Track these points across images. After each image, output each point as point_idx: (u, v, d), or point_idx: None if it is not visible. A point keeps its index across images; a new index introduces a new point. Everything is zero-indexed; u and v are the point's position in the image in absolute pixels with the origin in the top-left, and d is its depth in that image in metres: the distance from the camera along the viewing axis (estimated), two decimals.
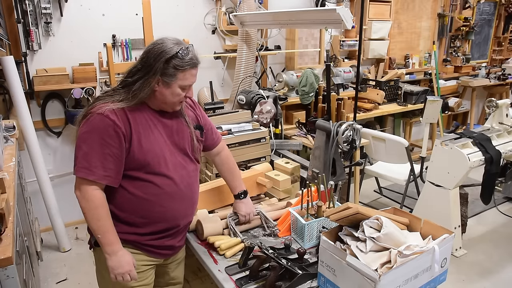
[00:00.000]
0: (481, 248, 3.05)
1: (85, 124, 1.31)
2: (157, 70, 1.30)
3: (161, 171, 1.39)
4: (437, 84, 5.01)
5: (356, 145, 1.97)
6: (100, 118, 1.29)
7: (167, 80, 1.32)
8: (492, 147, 2.78)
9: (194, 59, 1.35)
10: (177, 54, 1.30)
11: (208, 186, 1.86)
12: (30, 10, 2.87)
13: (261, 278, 1.39)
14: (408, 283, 1.18)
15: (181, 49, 1.31)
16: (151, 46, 1.33)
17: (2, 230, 1.42)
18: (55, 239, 3.08)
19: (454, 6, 5.39)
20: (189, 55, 1.33)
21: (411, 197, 3.51)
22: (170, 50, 1.30)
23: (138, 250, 1.45)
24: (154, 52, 1.31)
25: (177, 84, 1.34)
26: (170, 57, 1.29)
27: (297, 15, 2.63)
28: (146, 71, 1.31)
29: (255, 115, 2.49)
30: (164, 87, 1.34)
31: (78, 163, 1.30)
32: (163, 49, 1.30)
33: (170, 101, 1.38)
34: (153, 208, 1.40)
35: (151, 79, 1.31)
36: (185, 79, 1.35)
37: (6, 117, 2.91)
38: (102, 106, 1.31)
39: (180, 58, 1.30)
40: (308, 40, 4.25)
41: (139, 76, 1.32)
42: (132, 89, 1.33)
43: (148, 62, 1.31)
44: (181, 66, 1.31)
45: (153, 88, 1.33)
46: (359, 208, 1.24)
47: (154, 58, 1.30)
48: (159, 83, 1.33)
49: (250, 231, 1.74)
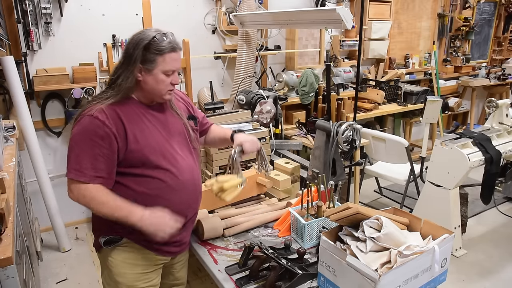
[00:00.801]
0: (481, 248, 3.05)
1: (75, 126, 1.32)
2: (137, 57, 1.30)
3: (162, 164, 1.38)
4: (437, 84, 5.01)
5: (356, 145, 1.97)
6: (89, 119, 1.29)
7: (148, 67, 1.32)
8: (492, 147, 2.78)
9: (173, 43, 1.34)
10: (154, 39, 1.30)
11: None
12: (30, 10, 2.87)
13: (261, 278, 1.39)
14: (408, 283, 1.18)
15: (158, 33, 1.31)
16: (130, 38, 1.34)
17: (2, 230, 1.42)
18: (55, 239, 3.08)
19: (454, 6, 5.39)
20: (167, 39, 1.32)
21: (411, 197, 3.51)
22: (147, 36, 1.30)
23: (147, 250, 1.45)
24: (133, 42, 1.32)
25: (158, 69, 1.33)
26: (148, 43, 1.29)
27: (297, 15, 2.63)
28: (128, 62, 1.32)
29: (255, 115, 2.49)
30: (147, 74, 1.33)
31: (69, 165, 1.31)
32: (141, 37, 1.31)
33: (156, 89, 1.37)
34: (158, 203, 1.38)
35: (132, 68, 1.32)
36: (166, 63, 1.33)
37: (6, 117, 2.91)
38: (92, 108, 1.32)
39: (158, 42, 1.30)
40: (308, 40, 4.25)
41: (122, 69, 1.34)
42: (117, 83, 1.34)
43: (128, 53, 1.32)
44: (159, 50, 1.31)
45: (136, 77, 1.33)
46: (359, 208, 1.24)
47: (133, 47, 1.31)
48: (142, 71, 1.33)
49: (250, 231, 1.74)
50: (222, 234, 1.69)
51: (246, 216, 1.81)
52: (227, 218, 1.78)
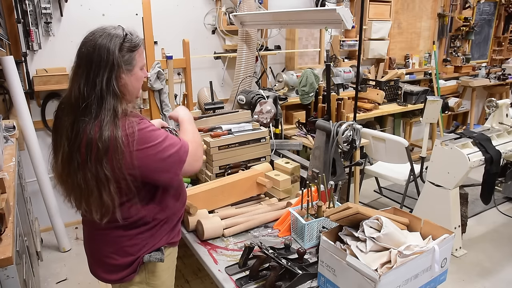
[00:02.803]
0: (481, 248, 3.05)
1: (140, 141, 1.16)
2: (118, 61, 1.16)
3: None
4: (437, 84, 5.01)
5: (356, 145, 1.97)
6: (141, 121, 1.20)
7: (129, 67, 1.22)
8: (492, 147, 2.78)
9: (134, 33, 1.25)
10: (126, 36, 1.20)
11: (208, 186, 1.86)
12: (30, 10, 2.87)
13: (261, 278, 1.39)
14: (408, 283, 1.18)
15: (123, 30, 1.21)
16: (87, 48, 1.17)
17: (2, 230, 1.42)
18: (55, 239, 3.08)
19: (454, 6, 5.39)
20: (133, 34, 1.24)
21: (411, 197, 3.51)
22: (116, 35, 1.18)
23: (174, 247, 1.47)
24: (98, 48, 1.15)
25: (138, 66, 1.25)
26: (122, 42, 1.18)
27: (297, 15, 2.63)
28: (103, 71, 1.15)
29: (255, 115, 2.49)
30: (128, 76, 1.22)
31: (176, 154, 1.23)
32: (110, 39, 1.17)
33: (136, 88, 1.28)
34: (181, 193, 1.43)
35: (117, 74, 1.17)
36: (142, 58, 1.27)
37: (6, 117, 2.91)
38: (126, 124, 1.16)
39: (130, 39, 1.21)
40: (308, 40, 4.25)
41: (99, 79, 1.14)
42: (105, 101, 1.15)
43: (98, 62, 1.14)
44: (134, 46, 1.22)
45: (119, 84, 1.19)
46: (359, 208, 1.24)
47: (106, 51, 1.15)
48: (122, 74, 1.20)
49: (250, 231, 1.74)
50: (222, 234, 1.69)
51: (246, 216, 1.80)
52: (227, 218, 1.78)
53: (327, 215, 1.31)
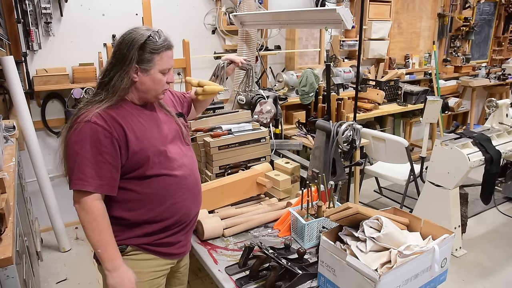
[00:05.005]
0: (481, 248, 3.05)
1: (73, 135, 1.27)
2: (132, 58, 1.27)
3: (164, 163, 1.37)
4: (437, 84, 5.01)
5: (356, 145, 1.97)
6: (88, 126, 1.25)
7: (145, 67, 1.30)
8: (492, 147, 2.78)
9: (168, 41, 1.33)
10: (149, 38, 1.28)
11: (208, 186, 1.86)
12: (30, 10, 2.87)
13: (261, 278, 1.39)
14: (408, 283, 1.18)
15: (153, 32, 1.30)
16: (121, 39, 1.30)
17: (2, 230, 1.42)
18: (55, 239, 3.08)
19: (454, 6, 5.39)
20: (161, 37, 1.31)
21: (411, 197, 3.51)
22: (141, 36, 1.28)
23: (154, 255, 1.41)
24: (125, 42, 1.28)
25: (156, 69, 1.32)
26: (144, 42, 1.28)
27: (297, 15, 2.63)
28: (122, 63, 1.29)
29: (255, 115, 2.49)
30: (144, 75, 1.31)
31: (73, 175, 1.26)
32: (134, 37, 1.28)
33: (153, 89, 1.35)
34: (163, 202, 1.37)
35: (128, 69, 1.28)
36: (163, 62, 1.32)
37: (6, 117, 2.91)
38: (87, 114, 1.27)
39: (154, 41, 1.29)
40: (308, 40, 4.25)
41: (115, 70, 1.29)
42: (111, 85, 1.30)
43: (122, 54, 1.28)
44: (156, 49, 1.30)
45: (132, 78, 1.30)
46: (359, 208, 1.24)
47: (127, 48, 1.27)
48: (138, 72, 1.31)
49: (250, 231, 1.74)
50: (222, 234, 1.69)
51: (246, 216, 1.81)
52: (227, 218, 1.78)
53: (327, 215, 1.31)
